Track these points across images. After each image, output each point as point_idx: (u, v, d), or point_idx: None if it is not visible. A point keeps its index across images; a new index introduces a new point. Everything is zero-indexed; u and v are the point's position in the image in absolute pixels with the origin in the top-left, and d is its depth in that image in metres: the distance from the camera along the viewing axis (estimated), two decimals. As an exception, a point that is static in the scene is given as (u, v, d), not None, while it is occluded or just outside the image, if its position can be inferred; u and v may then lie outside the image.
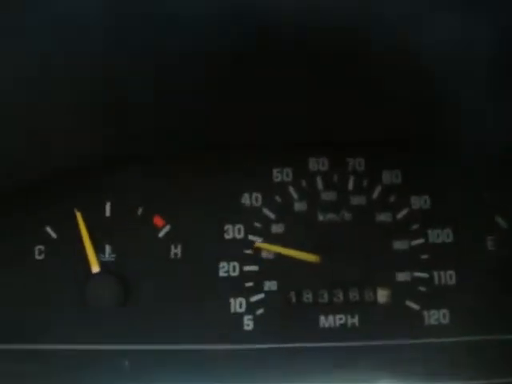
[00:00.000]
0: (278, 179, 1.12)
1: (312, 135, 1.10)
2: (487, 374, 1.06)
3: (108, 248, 1.10)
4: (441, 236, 1.11)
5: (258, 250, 1.10)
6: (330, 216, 1.11)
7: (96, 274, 1.08)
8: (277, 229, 1.10)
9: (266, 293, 1.09)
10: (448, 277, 1.10)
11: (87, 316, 1.07)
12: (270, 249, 1.09)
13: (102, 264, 1.09)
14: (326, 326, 1.08)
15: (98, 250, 1.10)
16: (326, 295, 1.09)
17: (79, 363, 1.05)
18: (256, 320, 1.08)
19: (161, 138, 1.09)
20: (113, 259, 1.10)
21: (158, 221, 1.10)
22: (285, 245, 1.09)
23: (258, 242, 1.10)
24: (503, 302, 1.09)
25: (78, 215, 1.10)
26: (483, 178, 1.13)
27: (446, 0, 0.77)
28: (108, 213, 1.11)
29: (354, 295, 1.09)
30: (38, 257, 1.10)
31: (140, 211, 1.11)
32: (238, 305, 1.08)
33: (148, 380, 1.04)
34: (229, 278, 1.09)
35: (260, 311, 1.08)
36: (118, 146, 1.09)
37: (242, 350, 1.06)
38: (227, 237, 1.10)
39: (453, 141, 1.13)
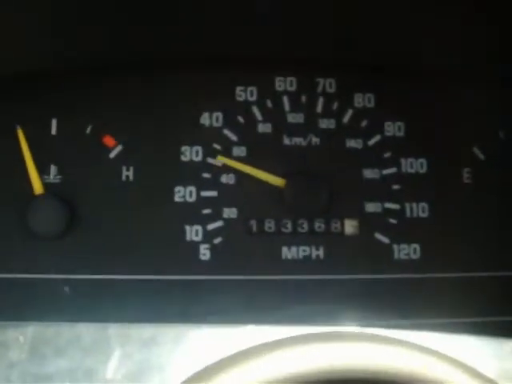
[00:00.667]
0: (241, 98, 1.03)
1: (281, 49, 1.01)
2: (458, 312, 1.00)
3: (53, 168, 1.00)
4: (414, 166, 1.04)
5: (218, 174, 1.01)
6: (297, 140, 1.02)
7: (39, 196, 0.98)
8: (238, 151, 1.02)
9: (225, 220, 1.00)
10: (420, 209, 1.03)
11: (28, 242, 0.98)
12: (234, 166, 1.00)
13: (45, 186, 0.99)
14: (289, 257, 1.01)
15: (42, 170, 1.00)
16: (289, 225, 1.01)
17: (18, 292, 0.97)
18: (213, 249, 1.00)
19: (112, 48, 0.99)
20: (58, 181, 1.00)
21: (108, 140, 1.01)
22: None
23: (218, 165, 1.01)
24: (477, 238, 1.03)
25: (20, 131, 1.00)
26: (461, 106, 1.06)
27: None
28: (54, 130, 1.01)
29: (319, 225, 1.02)
30: (-25, 176, 1.00)
31: (89, 129, 1.01)
32: (194, 233, 1.00)
33: (94, 311, 0.96)
34: (185, 203, 1.00)
35: (218, 240, 1.00)
36: (66, 56, 0.99)
37: (198, 281, 0.99)
38: (184, 159, 1.01)
39: (431, 67, 1.06)
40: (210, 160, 1.01)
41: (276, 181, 1.00)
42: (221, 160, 1.01)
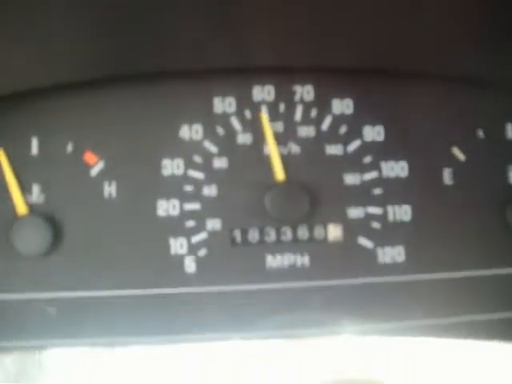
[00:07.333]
0: (220, 109, 1.03)
1: (258, 58, 1.01)
2: (443, 312, 1.01)
3: (36, 188, 1.00)
4: (395, 169, 1.05)
5: (200, 186, 1.01)
6: (277, 149, 1.03)
7: (23, 216, 0.99)
8: (219, 163, 1.02)
9: (209, 232, 1.01)
10: (403, 212, 1.04)
11: (13, 263, 0.98)
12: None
13: (29, 206, 1.00)
14: (274, 266, 1.01)
15: (25, 190, 1.00)
16: (272, 233, 1.02)
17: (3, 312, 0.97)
18: (198, 261, 1.00)
19: (90, 64, 0.98)
20: (41, 200, 1.00)
21: (89, 157, 1.01)
22: (228, 181, 1.02)
23: (200, 177, 1.01)
24: (461, 238, 1.04)
25: (1, 152, 1.00)
26: (439, 108, 1.07)
27: None
28: (35, 150, 1.01)
29: (303, 233, 1.02)
30: (-43, 199, 1.00)
31: (70, 147, 1.01)
32: (178, 246, 1.00)
33: (80, 327, 0.97)
34: (168, 217, 1.01)
35: (202, 252, 1.01)
36: (44, 74, 0.99)
37: (184, 294, 0.99)
38: (165, 173, 1.01)
39: (409, 71, 1.06)
40: (191, 173, 1.01)
41: (280, 174, 1.01)
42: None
